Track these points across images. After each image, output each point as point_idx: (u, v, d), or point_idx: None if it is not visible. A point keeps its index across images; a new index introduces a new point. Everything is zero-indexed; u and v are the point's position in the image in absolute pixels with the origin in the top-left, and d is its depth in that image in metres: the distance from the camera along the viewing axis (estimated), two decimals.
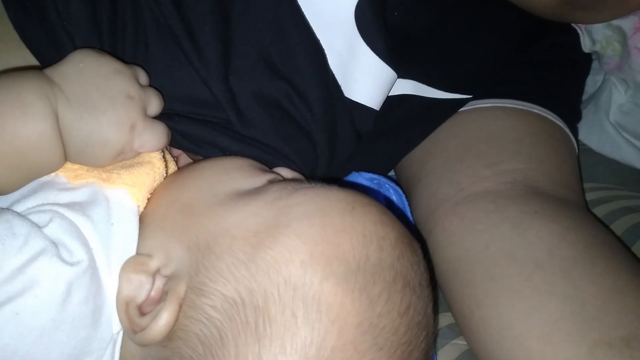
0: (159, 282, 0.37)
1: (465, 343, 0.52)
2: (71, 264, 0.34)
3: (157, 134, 0.42)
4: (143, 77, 0.43)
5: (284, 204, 0.37)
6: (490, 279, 0.48)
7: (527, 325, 0.44)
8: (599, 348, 0.41)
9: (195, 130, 0.47)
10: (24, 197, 0.38)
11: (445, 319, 0.54)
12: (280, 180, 0.42)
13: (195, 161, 0.49)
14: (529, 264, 0.47)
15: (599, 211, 0.63)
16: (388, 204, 0.56)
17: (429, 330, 0.37)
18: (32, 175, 0.38)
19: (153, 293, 0.37)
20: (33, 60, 0.46)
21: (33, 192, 0.38)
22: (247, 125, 0.47)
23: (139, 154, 0.42)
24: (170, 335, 0.35)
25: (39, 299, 0.33)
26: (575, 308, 0.44)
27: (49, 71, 0.39)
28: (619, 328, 0.42)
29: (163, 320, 0.35)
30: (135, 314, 0.36)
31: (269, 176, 0.42)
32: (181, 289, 0.36)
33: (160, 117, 0.44)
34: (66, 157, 0.39)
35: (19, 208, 0.37)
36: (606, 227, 0.59)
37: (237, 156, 0.46)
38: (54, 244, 0.34)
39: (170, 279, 0.37)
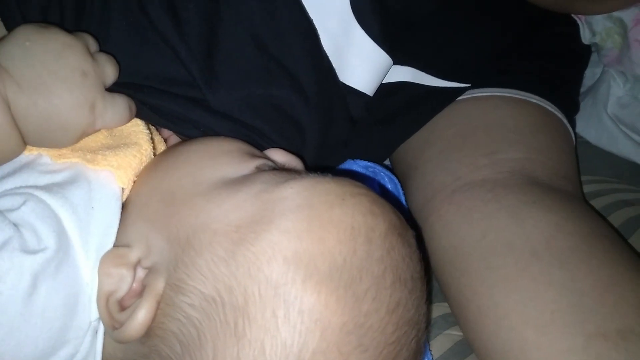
0: (141, 273, 0.36)
1: (459, 334, 0.51)
2: (36, 253, 0.33)
3: (120, 111, 0.40)
4: (93, 44, 0.40)
5: (270, 197, 0.35)
6: (486, 268, 0.47)
7: (524, 315, 0.44)
8: (594, 340, 0.41)
9: (166, 103, 0.45)
10: (3, 178, 0.36)
11: (439, 309, 0.53)
12: (269, 168, 0.40)
13: (182, 141, 0.47)
14: (526, 254, 0.46)
15: (596, 204, 0.62)
16: (383, 193, 0.55)
17: (421, 326, 0.36)
18: None
19: (135, 285, 0.36)
20: None
21: (12, 174, 0.37)
22: (224, 103, 0.46)
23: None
24: (149, 332, 0.34)
25: (3, 296, 0.32)
26: (571, 299, 0.43)
27: None
28: (616, 320, 0.42)
29: (139, 318, 0.34)
30: (115, 309, 0.35)
31: (258, 162, 0.40)
32: (159, 285, 0.35)
33: (129, 88, 0.42)
34: (26, 143, 0.37)
35: None
36: (603, 219, 0.59)
37: (226, 138, 0.44)
38: (19, 231, 0.33)
39: (150, 272, 0.36)
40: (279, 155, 0.44)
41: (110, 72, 0.40)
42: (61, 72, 0.37)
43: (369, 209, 0.35)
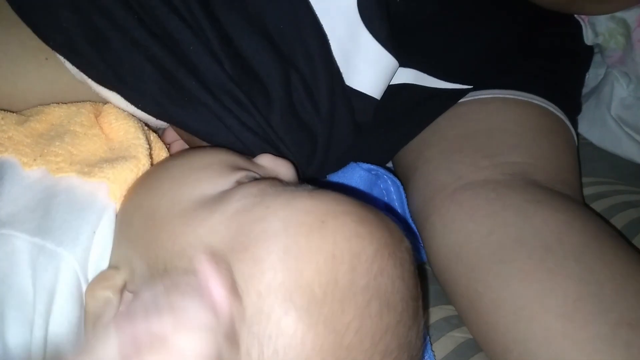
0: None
1: (462, 335, 0.51)
2: None
3: None
4: None
5: (245, 219, 0.34)
6: (499, 262, 0.47)
7: (545, 305, 0.43)
8: (621, 328, 0.40)
9: (193, 122, 0.45)
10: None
11: (440, 312, 0.53)
12: (250, 180, 0.39)
13: (171, 156, 0.47)
14: (538, 248, 0.46)
15: (598, 206, 0.62)
16: (386, 206, 0.55)
17: (414, 345, 0.35)
18: None
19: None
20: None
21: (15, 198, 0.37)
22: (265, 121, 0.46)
23: None
24: None
25: None
26: (592, 290, 0.42)
27: None
28: (638, 310, 0.41)
29: None
30: None
31: (239, 175, 0.39)
32: None
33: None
34: None
35: None
36: (605, 222, 0.59)
37: (211, 149, 0.44)
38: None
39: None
40: (267, 161, 0.43)
41: None
42: None
43: (353, 231, 0.33)
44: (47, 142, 0.40)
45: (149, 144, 0.44)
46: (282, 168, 0.44)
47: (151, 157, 0.43)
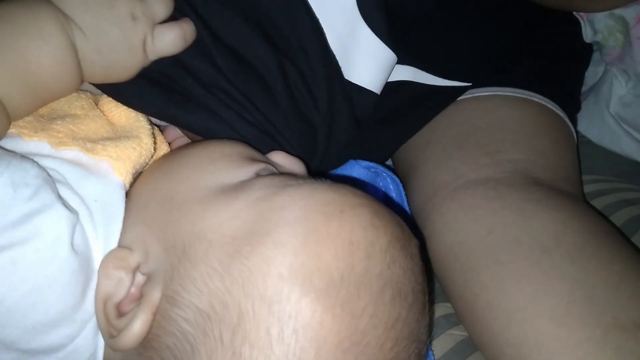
0: (140, 279, 0.36)
1: (461, 333, 0.51)
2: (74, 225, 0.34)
3: (169, 41, 0.41)
4: None
5: (267, 207, 0.35)
6: (495, 262, 0.47)
7: (538, 307, 0.43)
8: (612, 331, 0.41)
9: (195, 121, 0.44)
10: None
11: (440, 309, 0.53)
12: (269, 173, 0.40)
13: (187, 144, 0.47)
14: (535, 249, 0.46)
15: (598, 203, 0.62)
16: (386, 199, 0.55)
17: (421, 338, 0.35)
18: (44, 101, 0.39)
19: (133, 290, 0.35)
20: None
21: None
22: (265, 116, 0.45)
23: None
24: (145, 344, 0.34)
25: (38, 253, 0.32)
26: (586, 292, 0.43)
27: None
28: (631, 313, 0.41)
29: (135, 330, 0.33)
30: (112, 314, 0.35)
31: (258, 167, 0.40)
32: (155, 296, 0.34)
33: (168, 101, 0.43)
34: (90, 81, 0.40)
35: None
36: (605, 219, 0.59)
37: (228, 141, 0.44)
38: (60, 198, 0.34)
39: (148, 280, 0.35)
40: (280, 158, 0.44)
41: (159, 10, 0.41)
42: (115, 19, 0.39)
43: (369, 221, 0.34)
44: (48, 121, 0.40)
45: (151, 127, 0.43)
46: (295, 166, 0.44)
47: (154, 138, 0.43)
